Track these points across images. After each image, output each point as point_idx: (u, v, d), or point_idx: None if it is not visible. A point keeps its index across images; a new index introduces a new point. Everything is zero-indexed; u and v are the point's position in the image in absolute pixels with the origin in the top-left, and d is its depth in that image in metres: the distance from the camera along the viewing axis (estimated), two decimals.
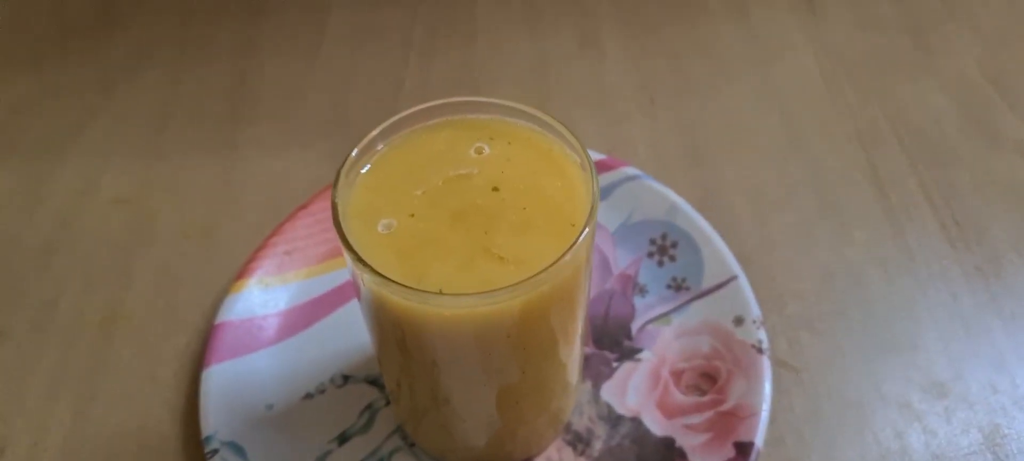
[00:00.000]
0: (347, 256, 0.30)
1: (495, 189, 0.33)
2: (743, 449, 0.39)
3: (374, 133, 0.34)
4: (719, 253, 0.46)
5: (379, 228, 0.31)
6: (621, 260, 0.48)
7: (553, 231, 0.31)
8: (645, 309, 0.46)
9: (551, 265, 0.29)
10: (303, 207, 0.49)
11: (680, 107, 0.58)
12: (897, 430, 0.42)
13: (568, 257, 0.30)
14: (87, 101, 0.60)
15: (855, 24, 0.64)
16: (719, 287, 0.45)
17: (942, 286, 0.48)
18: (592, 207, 0.31)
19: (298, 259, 0.47)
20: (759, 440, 0.39)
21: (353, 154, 0.33)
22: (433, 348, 0.33)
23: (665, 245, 0.48)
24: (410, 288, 0.29)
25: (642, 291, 0.47)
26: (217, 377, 0.42)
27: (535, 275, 0.29)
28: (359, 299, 0.35)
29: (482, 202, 0.32)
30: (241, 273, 0.46)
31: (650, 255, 0.48)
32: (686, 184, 0.52)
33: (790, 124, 0.57)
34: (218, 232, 0.51)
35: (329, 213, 0.49)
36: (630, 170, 0.50)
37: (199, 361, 0.44)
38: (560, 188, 0.33)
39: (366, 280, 0.30)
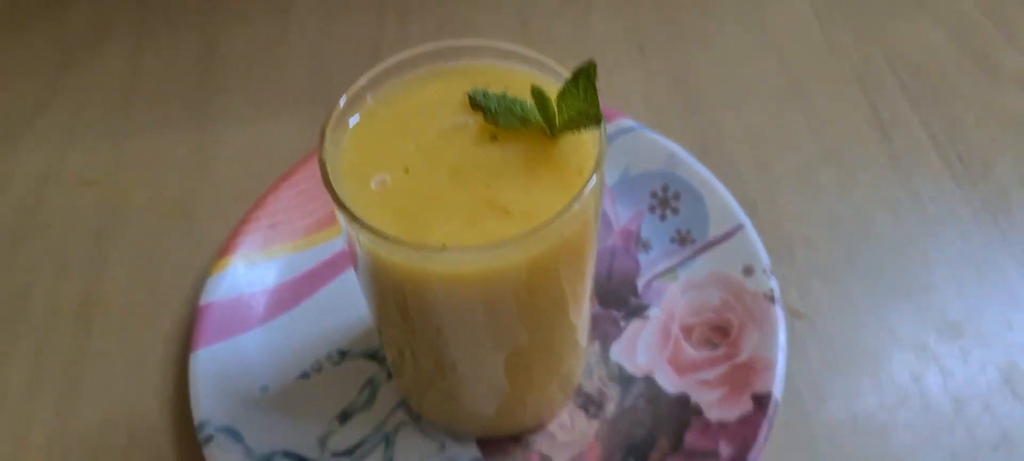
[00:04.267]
0: (341, 216, 0.28)
1: (494, 138, 0.30)
2: (761, 401, 0.37)
3: (361, 83, 0.31)
4: (723, 202, 0.44)
5: (372, 185, 0.29)
6: (622, 215, 0.46)
7: (559, 181, 0.29)
8: (650, 265, 0.44)
9: (560, 213, 0.27)
10: (285, 177, 0.46)
11: (671, 56, 0.56)
12: (914, 373, 0.41)
13: (577, 206, 0.28)
14: (45, 80, 0.56)
15: None
16: (726, 237, 0.44)
17: (951, 225, 0.46)
18: (600, 153, 0.29)
19: (284, 232, 0.45)
20: (777, 391, 0.38)
21: (339, 106, 0.30)
22: (437, 313, 0.31)
23: (666, 197, 0.46)
24: (412, 246, 0.27)
25: (645, 246, 0.45)
26: (206, 361, 0.39)
27: (545, 224, 0.27)
28: (355, 266, 0.33)
29: (481, 153, 0.30)
30: (223, 250, 0.43)
31: (651, 209, 0.46)
32: (683, 134, 0.50)
33: (787, 69, 0.55)
34: (196, 210, 0.48)
35: (313, 182, 0.47)
36: (625, 122, 0.48)
37: (185, 345, 0.41)
38: (567, 136, 0.31)
39: (363, 242, 0.28)
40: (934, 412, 0.39)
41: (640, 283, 0.44)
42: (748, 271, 0.42)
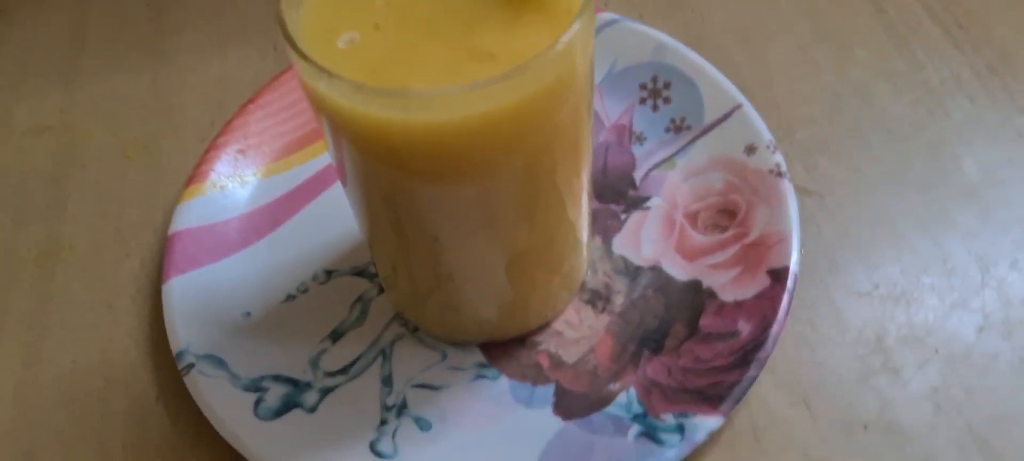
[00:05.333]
0: (303, 72, 0.25)
1: None
2: (778, 275, 0.35)
3: None
4: (717, 84, 0.42)
5: (340, 44, 0.26)
6: (612, 111, 0.44)
7: (548, 22, 0.26)
8: (646, 156, 0.42)
9: (553, 45, 0.24)
10: (252, 100, 0.43)
11: None
12: (935, 238, 0.38)
13: (571, 38, 0.25)
14: None
15: None
16: (723, 119, 0.41)
17: (956, 91, 0.44)
18: None
19: (255, 157, 0.42)
20: (793, 264, 0.35)
21: None
22: (429, 194, 0.28)
23: (657, 88, 0.44)
24: (391, 93, 0.24)
25: (639, 139, 0.43)
26: (180, 290, 0.36)
27: (537, 57, 0.24)
28: (334, 157, 0.30)
29: (459, 3, 0.27)
30: (191, 179, 0.40)
31: (642, 101, 0.44)
32: (668, 28, 0.47)
33: None
34: (159, 147, 0.45)
35: (284, 103, 0.44)
36: (606, 15, 0.45)
37: (158, 280, 0.38)
38: None
39: (335, 103, 0.25)
40: (960, 274, 0.37)
41: (637, 175, 0.41)
42: (750, 150, 0.40)
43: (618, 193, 0.41)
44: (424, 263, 0.33)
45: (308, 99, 0.27)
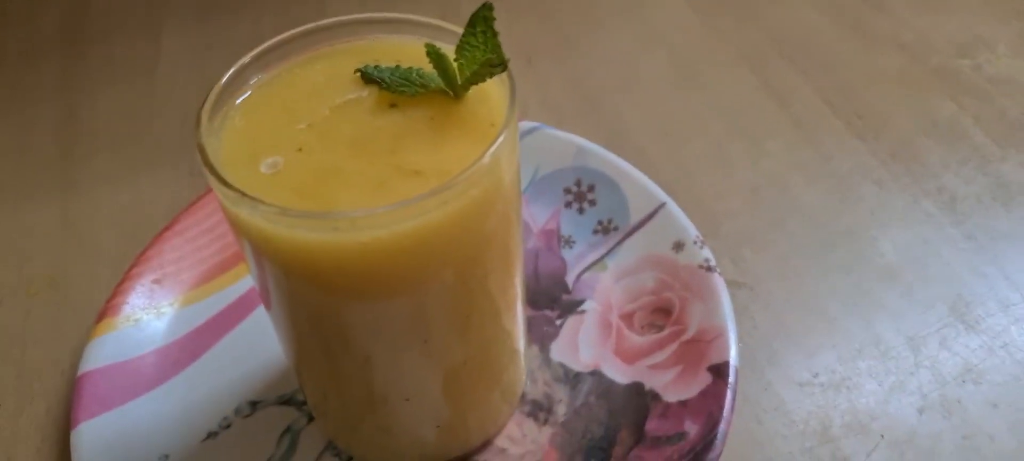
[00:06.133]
0: (225, 199, 0.24)
1: (393, 106, 0.27)
2: (719, 371, 0.35)
3: (237, 66, 0.28)
4: (640, 184, 0.43)
5: (263, 169, 0.25)
6: (539, 216, 0.44)
7: (472, 136, 0.26)
8: (576, 260, 0.42)
9: (480, 158, 0.24)
10: (168, 227, 0.42)
11: (560, 62, 0.55)
12: (865, 321, 0.39)
13: (497, 149, 0.25)
14: None
15: None
16: (649, 218, 0.42)
17: (864, 176, 0.46)
18: (512, 96, 0.26)
19: (171, 287, 0.40)
20: (733, 358, 0.35)
21: (215, 90, 0.27)
22: (360, 315, 0.27)
23: (581, 191, 0.44)
24: (318, 216, 0.23)
25: (569, 242, 0.42)
26: (91, 435, 0.34)
27: (465, 171, 0.24)
28: (258, 284, 0.28)
29: (382, 122, 0.27)
30: (103, 313, 0.38)
31: (568, 205, 0.44)
32: (587, 132, 0.48)
33: (677, 58, 0.55)
34: (67, 281, 0.43)
35: (202, 228, 0.42)
36: (527, 123, 0.46)
37: (66, 425, 0.36)
38: (471, 91, 0.28)
39: (259, 230, 0.24)
40: (894, 356, 0.38)
41: (570, 279, 0.41)
42: (678, 247, 0.40)
43: (552, 298, 0.40)
44: (357, 385, 0.31)
45: (231, 226, 0.26)
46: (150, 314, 0.39)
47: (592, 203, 0.43)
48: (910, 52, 0.54)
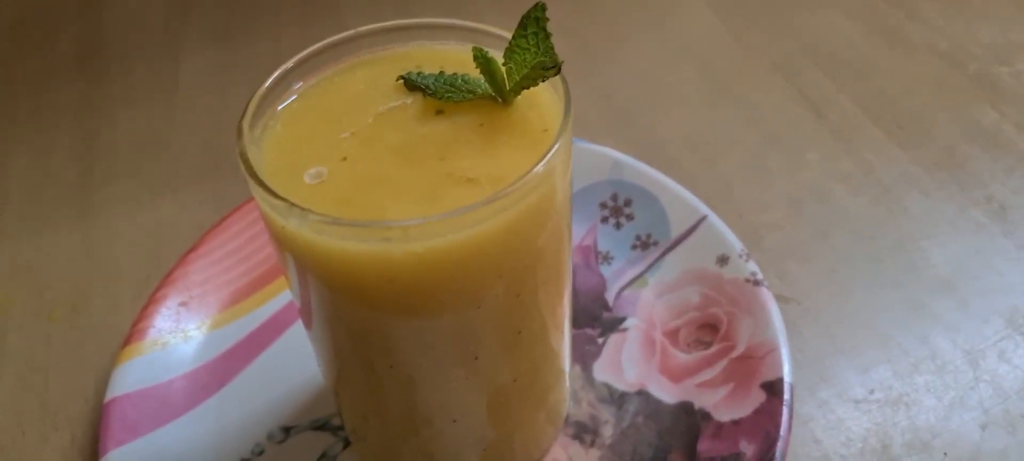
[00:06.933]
0: (269, 209, 0.23)
1: (440, 112, 0.26)
2: (774, 388, 0.33)
3: (276, 75, 0.26)
4: (680, 198, 0.41)
5: (307, 180, 0.24)
6: (575, 233, 0.42)
7: (524, 142, 0.25)
8: (615, 276, 0.40)
9: (536, 164, 0.23)
10: (193, 249, 0.40)
11: (591, 78, 0.54)
12: (920, 334, 0.37)
13: (552, 157, 0.23)
14: None
15: None
16: (691, 232, 0.40)
17: (909, 186, 0.45)
18: (566, 102, 0.25)
19: (199, 309, 0.39)
20: (787, 374, 0.34)
21: (255, 100, 0.25)
22: (408, 334, 0.26)
23: (618, 206, 0.43)
24: (368, 226, 0.22)
25: (607, 258, 0.41)
26: None
27: (521, 178, 0.22)
28: (298, 294, 0.27)
29: (429, 129, 0.26)
30: (129, 338, 0.37)
31: (604, 220, 0.42)
32: (620, 146, 0.47)
33: (707, 72, 0.54)
34: (90, 306, 0.41)
35: (229, 248, 0.41)
36: None
37: (93, 455, 0.34)
38: (520, 97, 0.26)
39: (307, 240, 0.23)
40: (952, 371, 0.36)
41: (609, 296, 0.40)
42: (723, 260, 0.38)
43: (592, 316, 0.39)
44: (401, 407, 0.30)
45: (273, 240, 0.25)
46: (177, 338, 0.37)
47: (630, 217, 0.42)
48: (947, 59, 0.52)
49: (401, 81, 0.27)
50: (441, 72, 0.27)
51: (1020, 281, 0.39)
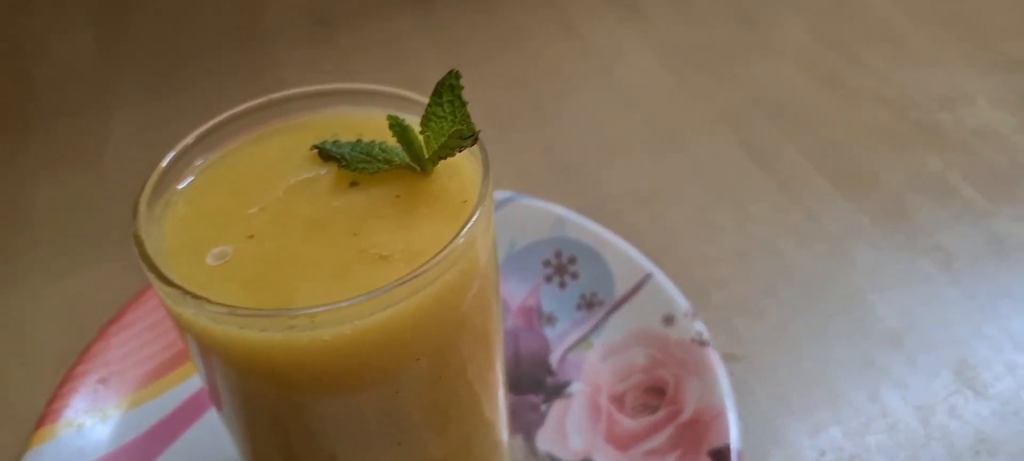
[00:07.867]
0: (166, 298, 0.21)
1: (354, 184, 0.25)
2: (720, 455, 0.32)
3: (177, 149, 0.25)
4: (624, 254, 0.40)
5: (209, 260, 0.22)
6: (517, 292, 0.41)
7: (443, 214, 0.24)
8: (559, 338, 0.39)
9: (454, 239, 0.21)
10: (113, 321, 0.38)
11: (534, 129, 0.53)
12: (870, 393, 0.37)
13: (472, 229, 0.22)
14: None
15: (682, 21, 0.62)
16: (636, 291, 0.39)
17: (856, 238, 0.44)
18: (485, 169, 0.24)
19: (118, 386, 0.36)
20: (735, 441, 0.32)
21: (155, 174, 0.24)
22: (322, 420, 0.24)
23: (562, 264, 0.41)
24: (268, 314, 0.20)
25: (550, 320, 0.40)
26: None
27: (439, 254, 0.21)
28: (211, 393, 0.25)
29: (342, 202, 0.24)
30: (42, 419, 0.34)
31: (548, 279, 0.41)
32: (564, 201, 0.46)
33: (653, 121, 0.53)
34: (5, 382, 0.39)
35: (150, 321, 0.39)
36: (501, 193, 0.44)
37: None
38: (440, 165, 0.25)
39: (206, 331, 0.21)
40: (903, 429, 0.35)
41: (553, 359, 0.38)
42: (668, 320, 0.37)
43: (535, 381, 0.37)
44: None
45: (175, 326, 0.23)
46: (94, 418, 0.35)
47: (574, 276, 0.41)
48: (891, 107, 0.52)
49: (315, 151, 0.25)
50: (358, 140, 0.26)
51: (967, 332, 0.39)
